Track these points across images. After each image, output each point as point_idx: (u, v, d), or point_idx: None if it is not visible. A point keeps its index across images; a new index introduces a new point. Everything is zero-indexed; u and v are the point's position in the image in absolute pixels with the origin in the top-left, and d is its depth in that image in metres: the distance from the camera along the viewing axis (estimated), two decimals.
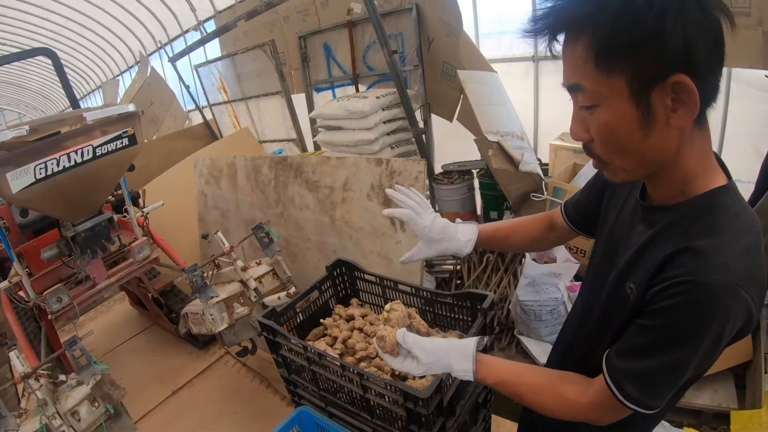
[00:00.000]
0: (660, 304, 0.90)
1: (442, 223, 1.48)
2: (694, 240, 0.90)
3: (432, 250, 1.50)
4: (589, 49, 0.85)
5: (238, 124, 6.62)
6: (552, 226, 1.48)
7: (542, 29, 0.91)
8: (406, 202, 1.50)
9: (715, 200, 0.93)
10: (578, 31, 0.87)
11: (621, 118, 0.88)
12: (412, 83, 4.31)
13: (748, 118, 3.55)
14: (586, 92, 0.90)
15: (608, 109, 0.88)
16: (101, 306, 4.46)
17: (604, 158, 0.96)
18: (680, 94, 0.83)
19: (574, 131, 0.98)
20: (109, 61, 13.94)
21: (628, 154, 0.92)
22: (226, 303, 2.55)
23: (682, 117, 0.86)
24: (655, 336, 0.92)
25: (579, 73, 0.89)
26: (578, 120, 0.96)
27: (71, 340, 2.06)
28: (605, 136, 0.92)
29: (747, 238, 0.90)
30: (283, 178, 3.17)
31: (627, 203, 1.15)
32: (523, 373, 1.16)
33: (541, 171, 3.59)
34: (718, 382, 2.50)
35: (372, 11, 3.54)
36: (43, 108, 25.09)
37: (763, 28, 2.82)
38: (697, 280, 0.85)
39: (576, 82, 0.91)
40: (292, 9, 5.42)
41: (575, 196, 1.41)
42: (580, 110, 0.94)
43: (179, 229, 4.04)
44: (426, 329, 1.42)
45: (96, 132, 2.27)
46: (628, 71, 0.84)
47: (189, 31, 9.14)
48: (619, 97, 0.86)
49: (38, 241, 2.87)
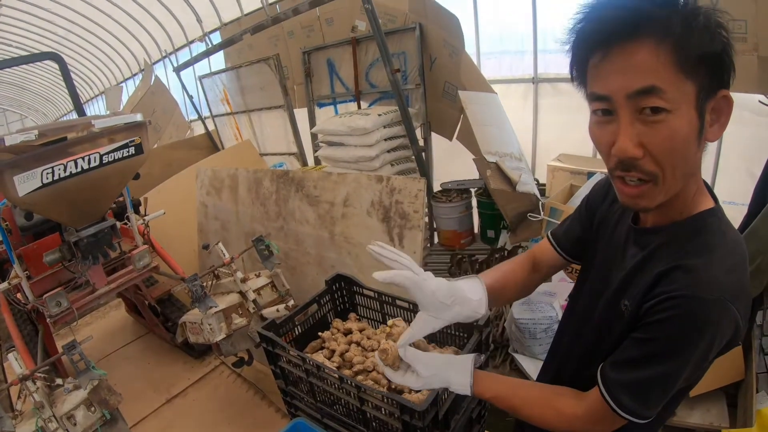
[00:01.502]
0: (653, 317, 0.95)
1: (446, 284, 1.19)
2: (685, 258, 0.95)
3: (441, 320, 1.19)
4: (671, 51, 0.85)
5: (239, 135, 6.67)
6: (534, 267, 1.44)
7: (626, 27, 0.87)
8: (401, 262, 1.17)
9: (704, 222, 1.00)
10: (666, 33, 0.85)
11: (689, 126, 0.88)
12: (414, 102, 4.36)
13: (743, 141, 3.60)
14: (665, 95, 0.86)
15: (680, 116, 0.87)
16: (97, 312, 4.46)
17: (657, 173, 0.92)
18: (723, 107, 0.90)
19: (624, 147, 0.91)
20: (114, 68, 14.00)
21: (683, 166, 0.93)
22: (225, 313, 2.57)
23: (717, 131, 0.91)
24: (648, 348, 0.96)
25: (658, 76, 0.86)
26: (630, 135, 0.90)
27: (70, 345, 2.08)
28: (672, 144, 0.89)
29: (734, 256, 0.96)
30: (284, 192, 3.21)
31: (618, 228, 1.20)
32: (518, 387, 1.20)
33: (538, 191, 3.62)
34: (710, 401, 2.51)
35: (376, 29, 3.60)
36: (45, 111, 25.18)
37: (758, 53, 2.89)
38: (688, 295, 0.90)
39: (653, 84, 0.86)
40: (297, 24, 5.50)
41: (563, 227, 1.42)
42: (633, 124, 0.90)
43: (178, 238, 4.05)
44: (425, 345, 1.44)
45: (103, 140, 2.31)
46: (700, 79, 0.86)
47: (194, 41, 9.21)
48: (689, 104, 0.87)
49: (39, 244, 2.89)
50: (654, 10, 0.85)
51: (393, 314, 2.15)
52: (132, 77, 13.40)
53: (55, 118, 24.13)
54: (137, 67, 12.45)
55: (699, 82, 0.86)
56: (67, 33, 12.10)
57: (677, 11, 0.85)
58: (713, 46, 0.85)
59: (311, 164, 5.36)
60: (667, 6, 0.86)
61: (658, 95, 0.86)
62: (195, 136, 7.55)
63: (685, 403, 2.46)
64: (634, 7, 0.87)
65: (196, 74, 7.18)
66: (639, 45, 0.86)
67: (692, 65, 0.85)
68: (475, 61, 5.14)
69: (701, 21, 0.85)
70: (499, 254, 3.57)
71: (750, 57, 2.92)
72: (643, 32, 0.85)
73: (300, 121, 5.45)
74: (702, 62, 0.85)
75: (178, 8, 8.68)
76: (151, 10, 9.28)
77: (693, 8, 0.86)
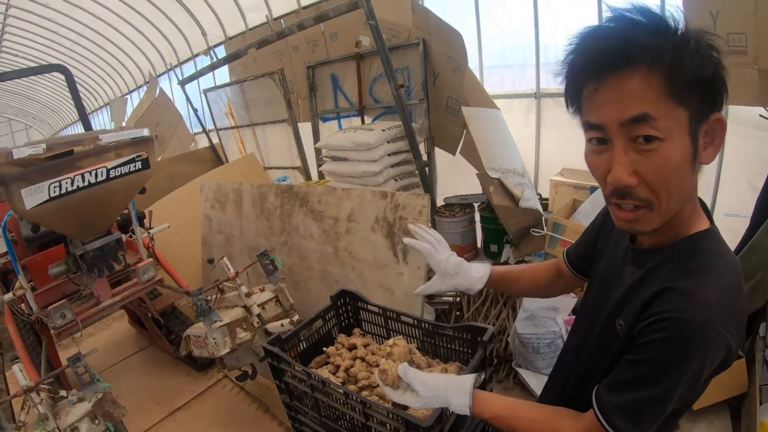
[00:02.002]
0: (645, 339, 0.96)
1: (458, 260, 1.57)
2: (678, 280, 0.96)
3: (446, 284, 1.58)
4: (663, 79, 0.86)
5: (243, 149, 6.69)
6: (559, 273, 1.54)
7: (610, 54, 0.89)
8: (425, 237, 1.60)
9: (699, 243, 1.01)
10: (656, 62, 0.86)
11: (681, 153, 0.90)
12: (417, 117, 4.38)
13: (744, 154, 3.62)
14: (657, 123, 0.88)
15: (673, 144, 0.89)
16: (100, 323, 4.45)
17: (652, 200, 0.94)
18: (716, 130, 0.92)
19: (619, 176, 0.93)
20: (119, 80, 14.07)
21: (678, 191, 0.94)
22: (229, 327, 2.58)
23: (711, 154, 0.93)
24: (640, 369, 0.97)
25: (650, 104, 0.87)
26: (624, 163, 0.92)
27: (75, 357, 2.09)
28: (665, 172, 0.91)
29: (727, 278, 0.96)
30: (288, 206, 3.23)
31: (618, 246, 1.22)
32: (517, 408, 1.21)
33: (540, 207, 3.64)
34: (714, 414, 2.50)
35: (380, 45, 3.63)
36: (49, 121, 25.25)
37: (759, 66, 2.90)
38: (678, 317, 0.91)
39: (645, 112, 0.87)
40: (302, 39, 5.54)
41: (575, 244, 1.47)
42: (627, 152, 0.92)
43: (182, 251, 4.07)
44: (426, 363, 1.47)
45: (110, 154, 2.34)
46: (692, 106, 0.88)
47: (199, 55, 9.26)
48: (682, 131, 0.89)
49: (43, 255, 2.90)
50: (644, 39, 0.87)
51: (397, 330, 2.16)
52: (137, 89, 13.45)
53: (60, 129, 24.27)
54: (142, 79, 12.52)
55: (691, 108, 0.88)
56: (73, 45, 12.17)
57: (668, 38, 0.87)
58: (705, 70, 0.87)
59: (315, 178, 5.38)
60: (657, 34, 0.87)
61: (650, 123, 0.88)
62: (199, 149, 7.58)
63: (688, 416, 2.45)
64: (625, 36, 0.88)
65: (201, 87, 7.23)
66: (631, 74, 0.88)
67: (684, 92, 0.87)
68: (478, 75, 5.17)
69: (692, 46, 0.87)
70: None
71: (750, 70, 2.94)
72: (634, 61, 0.87)
73: (304, 136, 5.47)
74: (694, 88, 0.87)
75: (184, 22, 8.75)
76: (157, 23, 9.35)
77: (684, 34, 0.88)
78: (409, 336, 2.13)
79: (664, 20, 0.88)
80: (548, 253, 3.26)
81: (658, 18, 0.88)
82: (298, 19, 5.11)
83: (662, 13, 0.89)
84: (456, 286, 1.56)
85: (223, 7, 7.66)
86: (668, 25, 0.88)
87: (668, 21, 0.88)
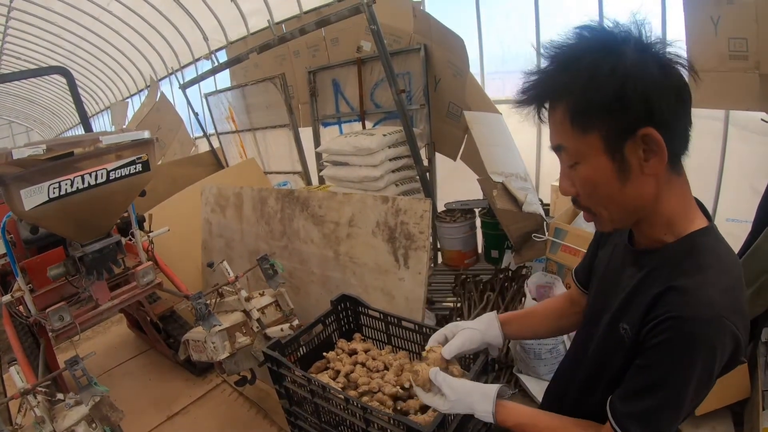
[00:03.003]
0: (652, 341, 0.96)
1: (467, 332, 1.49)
2: (679, 279, 0.97)
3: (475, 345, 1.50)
4: (566, 113, 0.97)
5: (244, 154, 6.69)
6: (572, 300, 1.52)
7: (530, 100, 1.03)
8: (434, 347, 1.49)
9: (697, 241, 1.02)
10: (557, 98, 0.99)
11: (599, 171, 0.99)
12: (418, 122, 4.38)
13: (745, 159, 3.63)
14: (568, 151, 1.02)
15: (588, 165, 1.00)
16: (98, 327, 4.40)
17: (592, 210, 1.07)
18: (650, 144, 0.94)
19: (562, 187, 1.08)
20: (120, 83, 14.10)
21: (612, 203, 1.03)
22: (229, 332, 2.57)
23: (654, 165, 0.96)
24: (651, 374, 0.98)
25: (561, 135, 1.01)
26: (565, 177, 1.06)
27: (73, 360, 2.08)
28: (588, 189, 1.03)
29: (728, 276, 0.98)
30: (289, 211, 3.22)
31: (617, 248, 1.24)
32: (539, 417, 1.22)
33: (543, 211, 3.64)
34: (716, 420, 2.48)
35: (382, 50, 3.63)
36: (50, 124, 25.37)
37: (760, 71, 2.90)
38: (683, 316, 0.92)
39: (559, 143, 1.03)
40: (303, 44, 5.55)
41: (581, 261, 1.48)
42: (567, 168, 1.05)
43: (182, 255, 4.06)
44: (460, 373, 1.46)
45: (111, 156, 2.32)
46: (601, 130, 0.95)
47: (200, 59, 9.28)
48: (596, 153, 0.98)
49: (42, 257, 2.88)
50: (558, 75, 0.98)
51: (398, 335, 2.15)
52: (138, 93, 13.48)
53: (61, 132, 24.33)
54: (143, 83, 12.54)
55: (603, 131, 0.95)
56: (75, 48, 12.20)
57: (575, 74, 0.95)
58: (606, 96, 0.92)
59: (315, 183, 5.37)
60: (569, 69, 0.96)
61: (565, 151, 1.03)
62: (200, 154, 7.58)
63: (690, 421, 2.44)
64: (549, 73, 1.00)
65: (202, 92, 7.23)
66: (555, 107, 1.01)
67: (589, 120, 0.96)
68: (479, 81, 5.19)
69: (603, 69, 0.92)
70: (503, 274, 3.57)
71: (751, 75, 2.94)
72: (555, 96, 1.00)
73: (305, 140, 5.46)
74: (600, 113, 0.94)
75: (186, 26, 8.77)
76: (159, 27, 9.37)
77: (593, 62, 0.93)
78: (410, 341, 2.12)
79: (583, 51, 0.96)
80: (549, 258, 3.24)
81: (577, 50, 0.97)
82: (299, 23, 5.10)
83: (587, 42, 0.97)
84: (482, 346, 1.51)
85: (225, 11, 7.67)
86: (584, 56, 0.95)
87: (587, 51, 0.95)
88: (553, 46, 1.00)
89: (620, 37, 0.95)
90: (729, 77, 3.00)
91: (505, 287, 3.46)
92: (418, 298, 2.58)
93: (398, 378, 1.95)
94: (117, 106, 12.52)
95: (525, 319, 1.58)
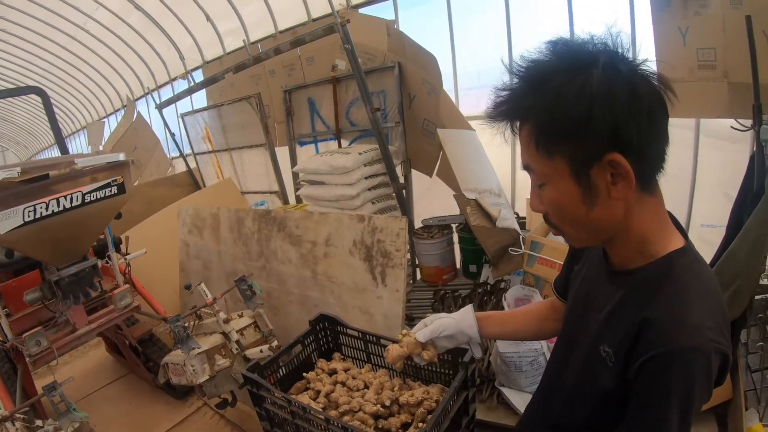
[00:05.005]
0: (645, 380, 0.95)
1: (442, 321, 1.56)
2: (661, 307, 0.96)
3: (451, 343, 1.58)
4: (532, 135, 0.98)
5: (221, 174, 6.67)
6: (554, 307, 1.52)
7: (499, 117, 1.03)
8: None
9: (675, 263, 1.00)
10: (525, 119, 0.99)
11: (565, 194, 0.99)
12: (394, 139, 4.42)
13: (717, 166, 3.71)
14: (535, 172, 1.03)
15: (553, 187, 1.00)
16: (76, 351, 4.36)
17: (560, 227, 1.08)
18: (617, 169, 0.93)
19: (532, 204, 1.09)
20: (96, 103, 13.94)
21: (577, 224, 1.03)
22: (208, 355, 2.55)
23: (622, 189, 0.95)
24: (652, 413, 0.95)
25: (528, 156, 1.02)
26: (535, 194, 1.07)
27: (51, 386, 2.05)
28: (554, 209, 1.04)
29: (709, 295, 0.97)
30: (266, 231, 3.23)
31: (592, 263, 1.23)
32: None
33: (518, 226, 3.68)
34: (701, 424, 2.50)
35: (356, 69, 3.67)
36: (26, 144, 24.91)
37: (728, 79, 2.95)
38: (671, 350, 0.91)
39: (527, 163, 1.04)
40: (279, 63, 5.56)
41: (560, 272, 1.47)
42: (534, 187, 1.06)
43: (160, 277, 4.03)
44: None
45: (86, 178, 2.32)
46: (567, 154, 0.95)
47: (177, 79, 9.25)
48: (562, 176, 0.97)
49: (19, 281, 2.85)
50: (526, 95, 0.97)
51: (378, 353, 2.16)
52: (114, 113, 13.34)
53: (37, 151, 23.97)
54: (120, 102, 12.43)
55: (568, 155, 0.95)
56: (50, 66, 12.02)
57: (542, 96, 0.94)
58: (578, 118, 0.90)
59: (293, 203, 5.37)
60: (536, 90, 0.95)
61: (532, 172, 1.04)
62: (176, 174, 7.53)
63: None
64: (517, 92, 1.00)
65: (178, 111, 7.21)
66: (523, 127, 1.01)
67: (555, 143, 0.95)
68: (454, 97, 5.25)
69: (569, 93, 0.90)
70: (481, 288, 3.59)
71: (720, 84, 3.00)
72: (522, 116, 1.00)
73: (281, 160, 5.47)
74: (569, 135, 0.93)
75: (162, 45, 8.74)
76: (135, 46, 9.32)
77: (560, 84, 0.92)
78: None
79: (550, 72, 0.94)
80: (527, 272, 3.28)
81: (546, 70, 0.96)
82: (275, 43, 5.14)
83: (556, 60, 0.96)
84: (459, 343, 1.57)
85: (201, 31, 7.67)
86: (551, 78, 0.93)
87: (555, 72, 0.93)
88: (523, 63, 0.99)
89: (590, 55, 0.92)
90: (699, 87, 3.06)
91: (484, 301, 3.48)
92: (397, 316, 2.60)
93: (378, 396, 1.95)
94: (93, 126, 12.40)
95: (506, 317, 1.62)
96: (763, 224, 2.37)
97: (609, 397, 1.05)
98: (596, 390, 1.10)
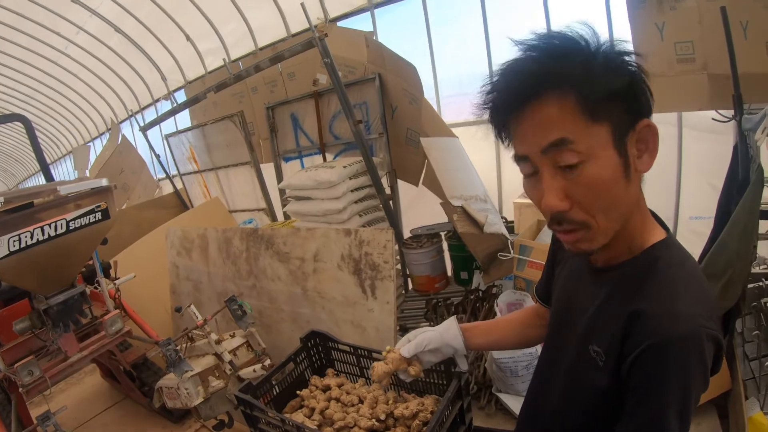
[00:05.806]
0: (639, 374, 0.93)
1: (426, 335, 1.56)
2: (649, 299, 0.94)
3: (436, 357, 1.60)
4: (578, 101, 0.87)
5: (208, 193, 6.66)
6: (538, 313, 1.51)
7: (530, 88, 0.91)
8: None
9: (659, 254, 1.00)
10: (565, 86, 0.88)
11: (609, 168, 0.90)
12: (378, 150, 4.42)
13: (701, 157, 3.76)
14: (576, 146, 0.89)
15: (597, 162, 0.89)
16: (71, 378, 4.32)
17: (588, 221, 0.95)
18: (646, 137, 0.92)
19: (551, 203, 0.94)
20: (81, 127, 13.90)
21: (613, 208, 0.94)
22: (201, 376, 2.54)
23: (647, 161, 0.94)
24: (648, 409, 0.93)
25: (566, 128, 0.89)
26: (554, 189, 0.94)
27: (44, 416, 2.05)
28: (596, 191, 0.92)
29: (695, 283, 0.97)
30: (254, 250, 3.23)
31: (573, 267, 1.22)
32: None
33: (506, 230, 3.69)
34: (701, 416, 2.50)
35: (336, 83, 3.69)
36: (12, 171, 24.81)
37: (708, 71, 2.98)
38: (664, 340, 0.89)
39: (561, 137, 0.89)
40: (261, 80, 5.58)
41: (541, 277, 1.46)
42: (555, 178, 0.93)
43: (151, 300, 4.00)
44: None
45: (70, 205, 2.32)
46: (615, 117, 0.89)
47: (160, 100, 9.26)
48: (606, 146, 0.89)
49: (8, 310, 2.84)
50: (551, 66, 0.89)
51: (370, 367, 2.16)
52: (99, 136, 13.31)
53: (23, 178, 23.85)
54: (104, 126, 12.41)
55: (612, 121, 0.89)
56: (33, 92, 12.01)
57: (574, 60, 0.89)
58: (619, 80, 0.88)
59: (281, 219, 5.36)
60: (563, 58, 0.89)
61: (569, 147, 0.89)
62: (164, 196, 7.50)
63: None
64: (533, 68, 0.91)
65: (163, 133, 7.20)
66: (545, 102, 0.89)
67: (600, 107, 0.88)
68: (435, 105, 5.29)
69: (600, 61, 0.89)
70: (473, 295, 3.60)
71: (700, 76, 3.02)
72: (545, 89, 0.89)
73: (267, 177, 5.48)
74: (610, 101, 0.88)
75: (144, 67, 8.77)
76: (117, 69, 9.34)
77: (589, 51, 0.90)
78: None
79: (571, 42, 0.91)
80: (518, 276, 3.29)
81: (564, 41, 0.91)
82: (255, 60, 5.14)
83: (568, 35, 0.91)
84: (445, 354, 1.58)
85: (182, 51, 7.72)
86: (575, 46, 0.90)
87: (575, 42, 0.90)
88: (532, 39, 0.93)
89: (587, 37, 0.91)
90: (679, 81, 3.09)
91: (476, 307, 3.49)
92: (389, 328, 2.60)
93: (373, 410, 1.95)
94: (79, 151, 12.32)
95: (490, 327, 1.58)
96: (751, 213, 2.38)
97: (602, 399, 1.04)
98: (588, 392, 1.08)
